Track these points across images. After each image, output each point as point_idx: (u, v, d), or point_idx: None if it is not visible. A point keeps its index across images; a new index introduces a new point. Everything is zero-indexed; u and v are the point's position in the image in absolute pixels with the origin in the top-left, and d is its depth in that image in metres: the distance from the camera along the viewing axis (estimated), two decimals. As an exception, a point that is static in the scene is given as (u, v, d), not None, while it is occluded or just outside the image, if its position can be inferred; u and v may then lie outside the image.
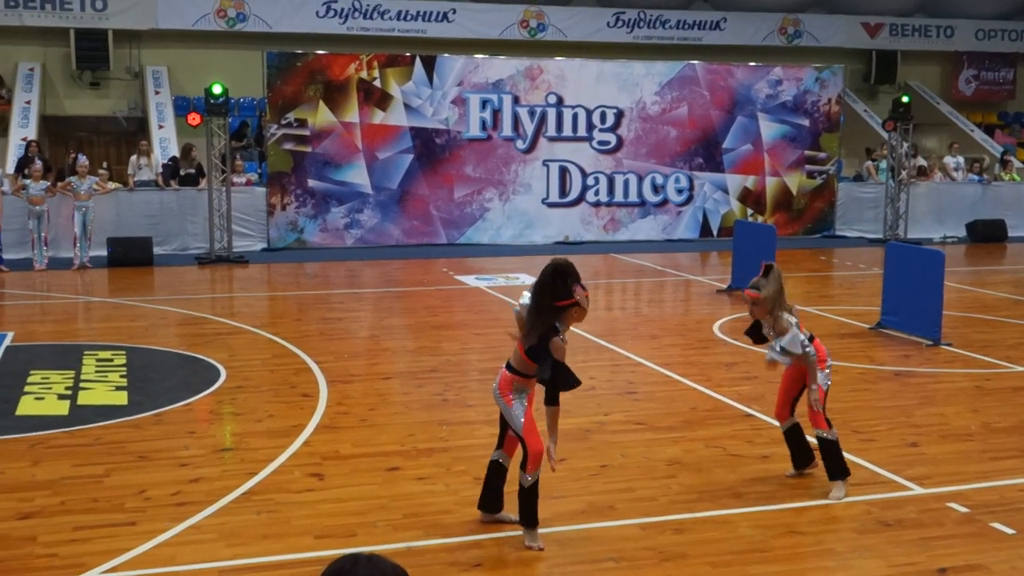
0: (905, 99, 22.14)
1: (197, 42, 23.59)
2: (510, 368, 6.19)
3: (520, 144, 21.08)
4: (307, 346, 11.37)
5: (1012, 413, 9.03)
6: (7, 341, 11.57)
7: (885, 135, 22.78)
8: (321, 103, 19.81)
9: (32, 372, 10.09)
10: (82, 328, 13.09)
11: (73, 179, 17.85)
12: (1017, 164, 25.26)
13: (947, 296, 12.17)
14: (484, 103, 20.78)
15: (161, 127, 22.12)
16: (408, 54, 20.91)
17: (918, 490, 7.08)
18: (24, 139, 20.50)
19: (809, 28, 27.12)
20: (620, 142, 21.62)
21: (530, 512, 6.11)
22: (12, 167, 19.59)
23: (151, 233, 18.55)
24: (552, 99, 21.21)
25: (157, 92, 23.00)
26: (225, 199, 18.72)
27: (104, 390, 9.49)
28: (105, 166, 20.91)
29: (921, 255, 12.74)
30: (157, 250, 18.32)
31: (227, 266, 18.00)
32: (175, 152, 20.89)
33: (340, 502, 6.75)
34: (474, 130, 20.76)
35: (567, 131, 21.33)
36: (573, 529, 6.38)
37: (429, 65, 20.46)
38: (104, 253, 17.82)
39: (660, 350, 11.51)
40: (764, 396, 9.38)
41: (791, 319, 6.90)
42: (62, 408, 8.91)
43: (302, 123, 19.77)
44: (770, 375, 10.21)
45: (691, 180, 22.01)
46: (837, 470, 6.97)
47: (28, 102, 22.11)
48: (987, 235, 22.57)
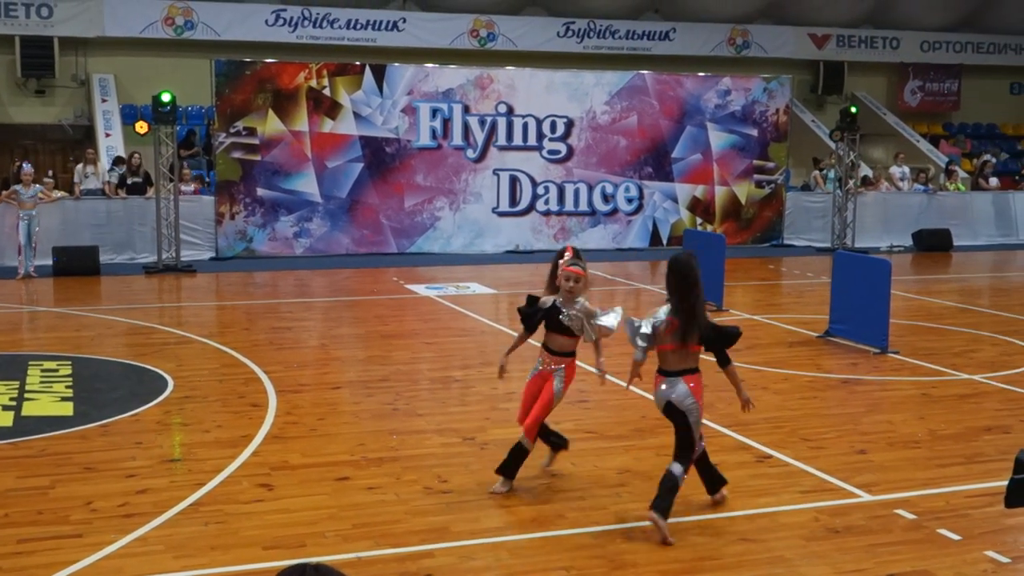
0: (853, 110, 22.41)
1: (144, 50, 23.38)
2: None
3: (470, 153, 21.09)
4: (256, 356, 11.29)
5: (958, 420, 9.14)
6: (-51, 352, 11.40)
7: (832, 145, 23.04)
8: (270, 112, 19.71)
9: (-26, 383, 9.94)
10: (27, 338, 12.91)
11: (18, 187, 17.61)
12: (962, 174, 25.64)
13: (894, 304, 12.32)
14: (434, 112, 20.77)
15: (108, 135, 21.89)
16: (358, 63, 20.85)
17: (866, 497, 7.15)
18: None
19: (757, 39, 27.37)
20: (570, 151, 21.69)
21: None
22: (-46, 175, 19.31)
23: (97, 242, 18.34)
24: (502, 108, 21.23)
25: (104, 100, 22.75)
26: (173, 208, 18.56)
27: (49, 401, 9.36)
28: (51, 174, 20.67)
29: (868, 264, 12.88)
30: (104, 259, 18.11)
31: (175, 275, 17.83)
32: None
33: (289, 512, 6.70)
34: (424, 139, 20.74)
35: (517, 140, 21.36)
36: (525, 538, 6.38)
37: (379, 74, 20.42)
38: (49, 262, 17.60)
39: (610, 359, 11.49)
40: (714, 405, 9.42)
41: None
42: (6, 419, 8.77)
43: (251, 132, 19.65)
44: (718, 384, 10.27)
45: (641, 189, 22.12)
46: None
47: (-29, 109, 21.82)
48: (933, 244, 22.87)
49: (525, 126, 21.39)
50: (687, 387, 6.45)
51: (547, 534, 6.44)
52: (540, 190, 21.55)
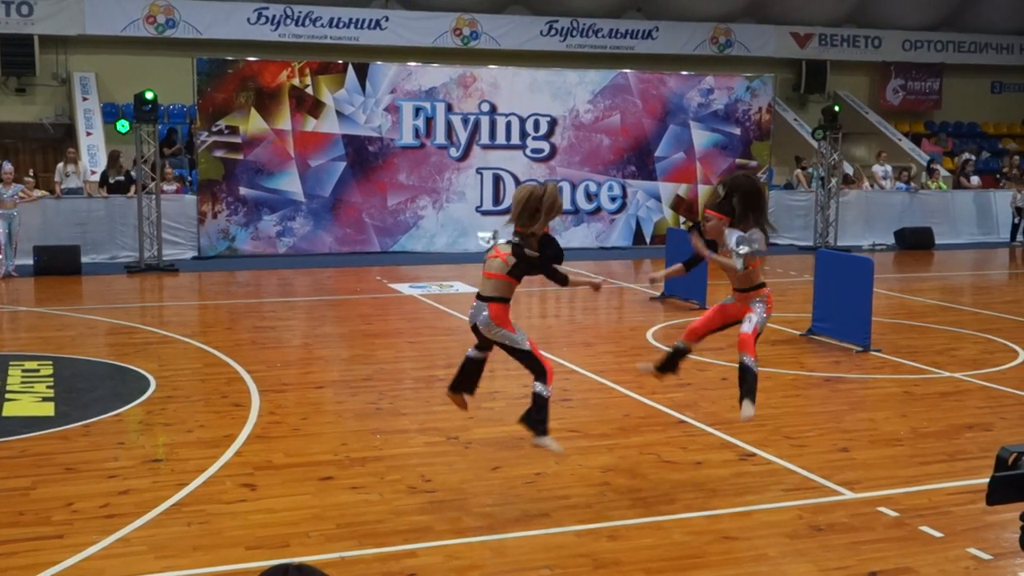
0: (835, 109, 22.47)
1: (126, 48, 23.27)
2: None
3: (453, 152, 21.07)
4: (239, 355, 11.26)
5: (940, 418, 9.18)
6: (-71, 352, 11.33)
7: (815, 144, 23.10)
8: (253, 110, 19.66)
9: (-45, 383, 9.88)
10: (7, 338, 12.85)
11: (-2, 186, 17.53)
12: (943, 173, 25.75)
13: (876, 303, 12.37)
14: (417, 111, 20.75)
15: (89, 134, 21.79)
16: (340, 61, 20.82)
17: (848, 495, 7.17)
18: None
19: (740, 38, 27.42)
20: (553, 150, 21.70)
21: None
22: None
23: (79, 241, 18.25)
24: (485, 107, 21.23)
25: (85, 99, 22.65)
26: (155, 207, 18.50)
27: (30, 401, 9.32)
28: (31, 174, 20.55)
29: (851, 262, 12.93)
30: (85, 259, 18.03)
31: (157, 275, 17.77)
32: (104, 159, 20.59)
33: (272, 512, 6.69)
34: (407, 138, 20.72)
35: (500, 139, 21.36)
36: (508, 537, 6.38)
37: (362, 73, 20.39)
38: (30, 262, 17.50)
39: (594, 357, 11.56)
40: (697, 403, 9.46)
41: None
42: (-14, 420, 8.73)
43: (233, 130, 19.60)
44: (701, 382, 10.30)
45: (624, 188, 22.14)
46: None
47: (-49, 108, 21.70)
48: (915, 242, 22.96)
49: (508, 125, 21.39)
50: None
51: (530, 533, 6.44)
52: (523, 189, 21.50)
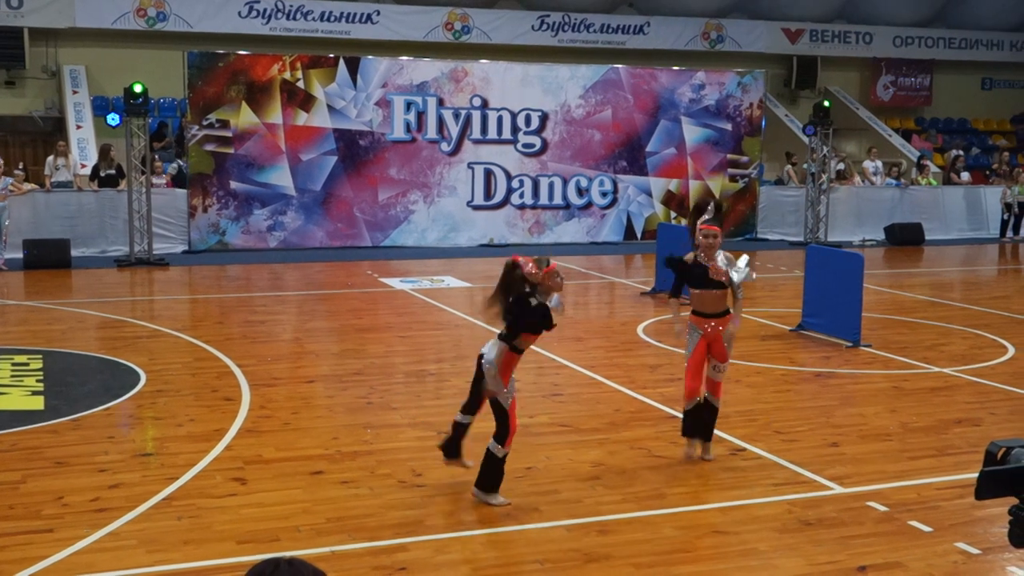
0: (826, 104, 22.50)
1: (116, 41, 23.19)
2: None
3: (445, 146, 21.05)
4: (229, 349, 11.25)
5: (929, 413, 9.22)
6: (-82, 345, 11.30)
7: (805, 139, 23.13)
8: (243, 104, 19.62)
9: (-56, 377, 9.86)
10: (-3, 332, 12.82)
11: (-13, 180, 17.48)
12: (934, 169, 25.80)
13: (866, 298, 12.40)
14: (408, 105, 20.73)
15: (79, 127, 21.72)
16: (332, 55, 20.78)
17: (838, 489, 7.20)
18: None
19: (731, 33, 27.43)
20: (545, 145, 21.69)
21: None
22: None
23: (69, 235, 18.21)
24: (477, 102, 21.21)
25: (75, 92, 22.57)
26: (145, 200, 18.46)
27: (20, 395, 9.30)
28: (21, 167, 20.48)
29: (841, 258, 12.95)
30: (75, 252, 17.98)
31: (147, 268, 17.74)
32: (93, 152, 20.53)
33: (263, 507, 6.69)
34: (398, 132, 20.70)
35: (492, 134, 21.35)
36: (499, 531, 6.39)
37: (353, 67, 20.36)
38: (20, 255, 17.45)
39: (585, 352, 11.57)
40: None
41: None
42: (-24, 414, 8.71)
43: (224, 124, 19.56)
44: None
45: (615, 183, 22.14)
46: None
47: (-60, 101, 21.60)
48: (905, 238, 23.01)
49: (500, 119, 21.37)
50: None
51: (521, 527, 6.45)
52: (515, 184, 21.54)
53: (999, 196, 24.43)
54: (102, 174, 19.31)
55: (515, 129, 21.47)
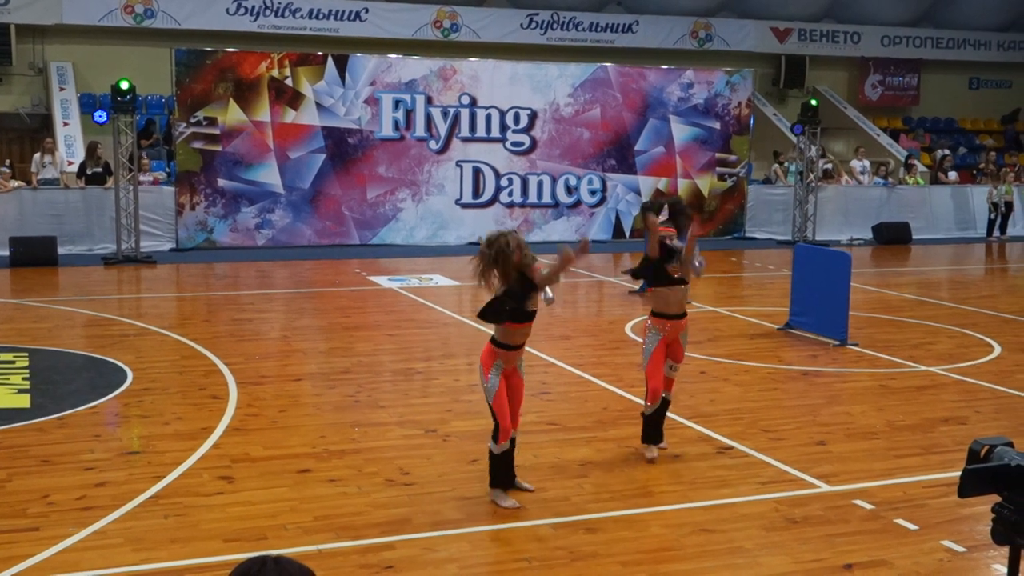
0: (814, 103, 22.55)
1: (103, 38, 23.13)
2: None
3: (433, 144, 21.05)
4: (217, 347, 11.23)
5: (915, 412, 9.24)
6: (-97, 343, 11.26)
7: (793, 139, 23.17)
8: (231, 101, 19.58)
9: (-70, 375, 9.83)
10: (-17, 330, 12.78)
11: (-27, 177, 17.42)
12: (921, 168, 25.87)
13: (853, 297, 12.43)
14: (397, 103, 20.71)
15: (66, 124, 21.65)
16: (320, 53, 20.75)
17: (825, 488, 7.22)
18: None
19: (720, 32, 27.47)
20: (534, 143, 21.70)
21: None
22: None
23: (55, 233, 18.14)
24: (465, 100, 21.20)
25: (62, 89, 22.50)
26: (132, 198, 18.41)
27: (5, 393, 9.27)
28: (8, 164, 20.42)
29: (828, 257, 12.98)
30: (62, 250, 17.92)
31: (134, 266, 17.69)
32: (81, 150, 20.47)
33: (250, 505, 6.68)
34: (387, 130, 20.68)
35: (480, 132, 21.35)
36: (486, 530, 6.39)
37: (341, 64, 20.34)
38: (6, 253, 17.39)
39: (573, 351, 11.58)
40: (675, 396, 9.48)
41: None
42: (-39, 412, 8.68)
43: (212, 122, 19.51)
44: (679, 376, 10.33)
45: (604, 182, 22.16)
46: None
47: (-74, 97, 21.51)
48: (892, 237, 23.07)
49: (488, 118, 21.37)
50: None
51: (508, 526, 6.46)
52: (503, 182, 21.54)
53: (986, 195, 24.51)
54: (89, 172, 19.26)
55: (504, 127, 21.47)
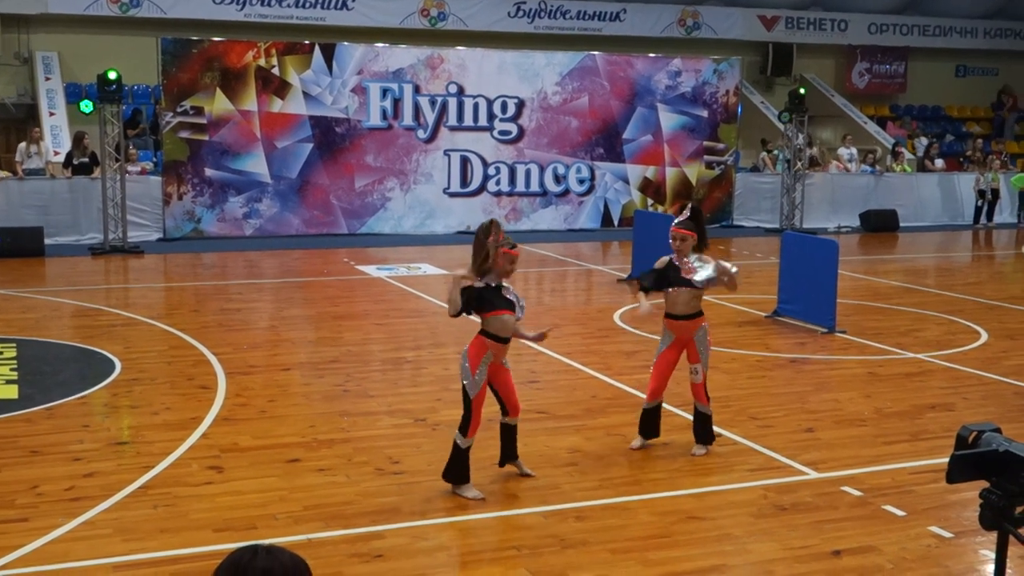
0: (801, 91, 22.56)
1: (89, 27, 23.00)
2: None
3: (421, 134, 21.01)
4: (205, 337, 11.21)
5: (903, 398, 9.28)
6: None
7: (781, 126, 23.19)
8: (218, 91, 19.51)
9: (-83, 366, 9.80)
10: (-30, 321, 12.74)
11: (-41, 167, 17.33)
12: (908, 156, 25.92)
13: (841, 284, 12.46)
14: (384, 92, 20.67)
15: (52, 114, 21.54)
16: (307, 42, 20.69)
17: (813, 474, 7.25)
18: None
19: (708, 20, 27.44)
20: (521, 132, 21.68)
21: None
22: None
23: (42, 223, 18.06)
24: (453, 88, 21.17)
25: (47, 78, 22.38)
26: (119, 188, 18.35)
27: (-7, 384, 9.25)
28: (-7, 154, 20.34)
29: (816, 244, 13.01)
30: (48, 241, 17.84)
31: (122, 256, 17.64)
32: (67, 139, 20.38)
33: (239, 495, 6.68)
34: (374, 119, 20.64)
35: (468, 121, 21.32)
36: (475, 518, 6.40)
37: (328, 53, 20.28)
38: (-8, 243, 17.34)
39: (561, 339, 11.58)
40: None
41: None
42: (-51, 403, 8.66)
43: (198, 111, 19.45)
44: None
45: (592, 170, 22.16)
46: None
47: (-89, 87, 21.39)
48: (879, 225, 23.12)
49: (476, 106, 21.34)
50: None
51: (498, 514, 6.47)
52: (491, 171, 21.53)
53: (972, 183, 24.58)
54: (75, 162, 19.18)
55: (491, 116, 21.45)
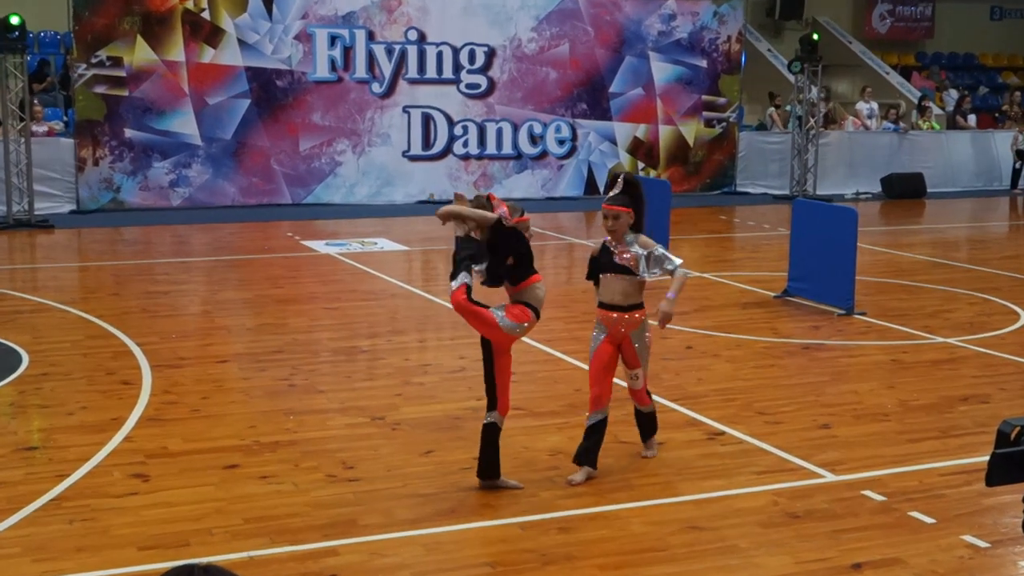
0: (814, 37, 22.61)
1: (-12, -35, 22.82)
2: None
3: (376, 88, 20.96)
4: (126, 325, 11.17)
5: (931, 389, 9.34)
6: None
7: (791, 78, 23.24)
8: (139, 38, 19.38)
9: None
10: None
11: None
12: (936, 111, 26.02)
13: (860, 259, 12.50)
14: (333, 39, 20.59)
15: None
16: (243, -19, 20.60)
17: (829, 477, 7.29)
18: None
19: (706, -45, 27.44)
20: (492, 85, 21.65)
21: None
22: None
23: (-66, 193, 17.97)
24: (413, 35, 21.11)
25: (-61, 24, 22.23)
26: (25, 152, 18.22)
27: None
28: None
29: (832, 213, 13.06)
30: (-58, 214, 17.77)
31: (28, 232, 17.54)
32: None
33: (169, 507, 6.66)
34: (322, 71, 20.56)
35: (430, 72, 21.27)
36: (443, 531, 6.41)
37: (268, -6, 20.20)
38: None
39: (541, 324, 11.55)
40: (659, 376, 9.54)
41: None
42: None
43: (116, 62, 19.32)
44: (663, 351, 10.38)
45: (574, 129, 22.16)
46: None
47: None
48: (904, 190, 23.23)
49: (439, 56, 21.29)
50: None
51: (469, 526, 6.48)
52: (457, 130, 21.50)
53: (1010, 142, 24.71)
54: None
55: (457, 67, 21.40)
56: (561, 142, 22.17)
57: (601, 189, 22.08)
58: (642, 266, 7.13)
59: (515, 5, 21.72)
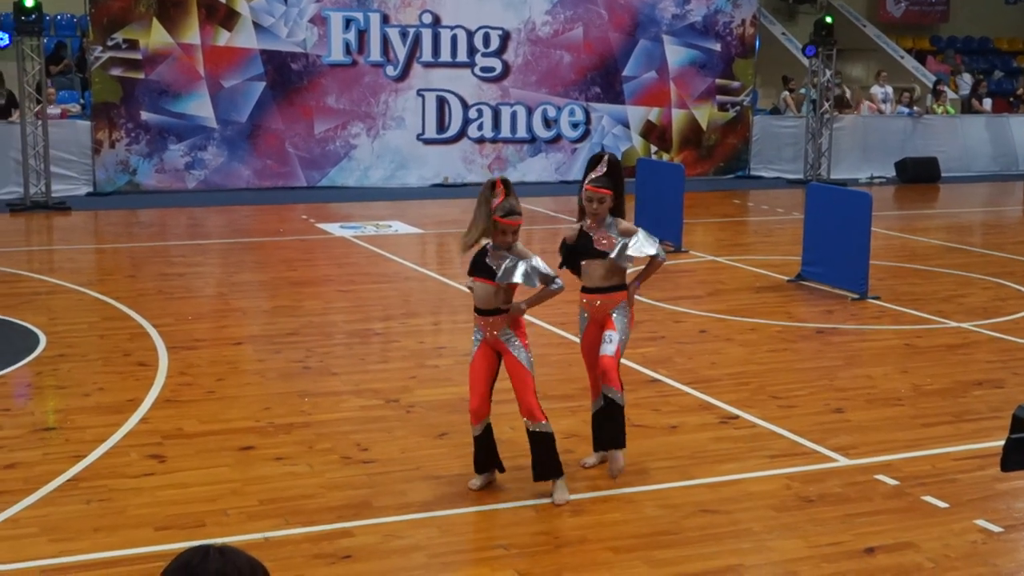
0: (828, 20, 22.52)
1: (4, -53, 22.83)
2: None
3: (391, 71, 20.92)
4: (143, 307, 11.19)
5: (945, 374, 9.32)
6: None
7: (805, 62, 23.15)
8: (155, 21, 19.37)
9: None
10: None
11: None
12: (951, 95, 25.91)
13: (874, 244, 12.46)
14: (348, 22, 20.56)
15: (-38, 49, 21.42)
16: (258, -36, 20.57)
17: (843, 461, 7.28)
18: None
19: (721, -61, 27.33)
20: (506, 69, 21.61)
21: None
22: None
23: (-48, 175, 18.02)
24: (427, 18, 21.06)
25: (-44, 7, 22.26)
26: (42, 135, 18.24)
27: (-102, 362, 9.23)
28: None
29: (846, 198, 13.02)
30: (-40, 195, 17.81)
31: (45, 214, 17.58)
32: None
33: (185, 488, 6.68)
34: (336, 54, 20.53)
35: (445, 56, 21.23)
36: (456, 513, 6.42)
37: (283, -23, 20.17)
38: None
39: (554, 308, 11.55)
40: (672, 359, 9.54)
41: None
42: None
43: (132, 45, 19.32)
44: (677, 335, 10.37)
45: (587, 113, 22.11)
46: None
47: None
48: (918, 174, 23.16)
49: (454, 39, 21.25)
50: None
51: (483, 508, 6.49)
52: (472, 114, 21.47)
53: (1026, 126, 24.62)
54: (-9, 104, 19.09)
55: (472, 50, 21.36)
56: (575, 125, 22.12)
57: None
58: (617, 253, 7.01)
59: (530, -12, 21.68)
